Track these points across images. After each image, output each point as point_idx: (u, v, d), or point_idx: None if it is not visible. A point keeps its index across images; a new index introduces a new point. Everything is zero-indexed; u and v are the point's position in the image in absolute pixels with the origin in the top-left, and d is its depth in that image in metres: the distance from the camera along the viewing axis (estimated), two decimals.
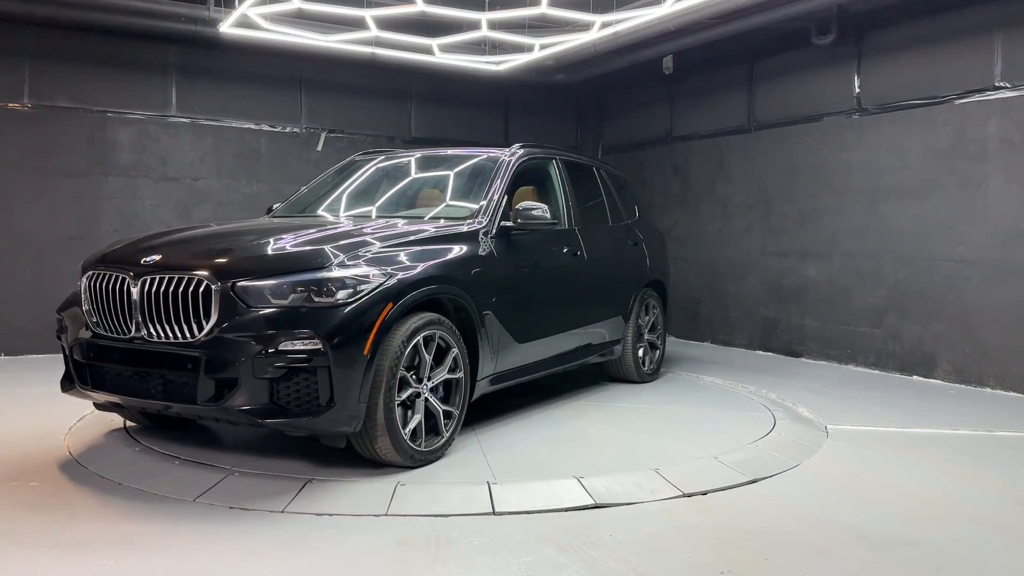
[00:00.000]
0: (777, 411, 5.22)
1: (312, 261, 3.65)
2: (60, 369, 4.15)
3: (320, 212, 5.18)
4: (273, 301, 3.50)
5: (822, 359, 7.36)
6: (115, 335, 3.75)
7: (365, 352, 3.52)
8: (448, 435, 4.05)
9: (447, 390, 4.12)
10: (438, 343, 3.97)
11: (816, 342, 7.45)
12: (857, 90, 7.05)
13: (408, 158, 5.52)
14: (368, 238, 3.98)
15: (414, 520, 3.28)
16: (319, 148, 8.54)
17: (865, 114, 6.99)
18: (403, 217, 4.81)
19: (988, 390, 6.06)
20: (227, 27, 7.01)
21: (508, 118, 9.79)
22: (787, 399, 5.68)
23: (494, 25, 7.08)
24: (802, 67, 7.54)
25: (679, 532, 3.20)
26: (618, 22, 7.07)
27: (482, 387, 4.44)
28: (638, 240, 6.31)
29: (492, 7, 6.81)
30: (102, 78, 7.53)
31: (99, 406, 4.23)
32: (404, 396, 3.77)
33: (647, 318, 6.26)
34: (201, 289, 3.53)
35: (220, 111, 8.08)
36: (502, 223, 4.61)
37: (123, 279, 3.73)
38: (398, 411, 3.72)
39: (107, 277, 3.79)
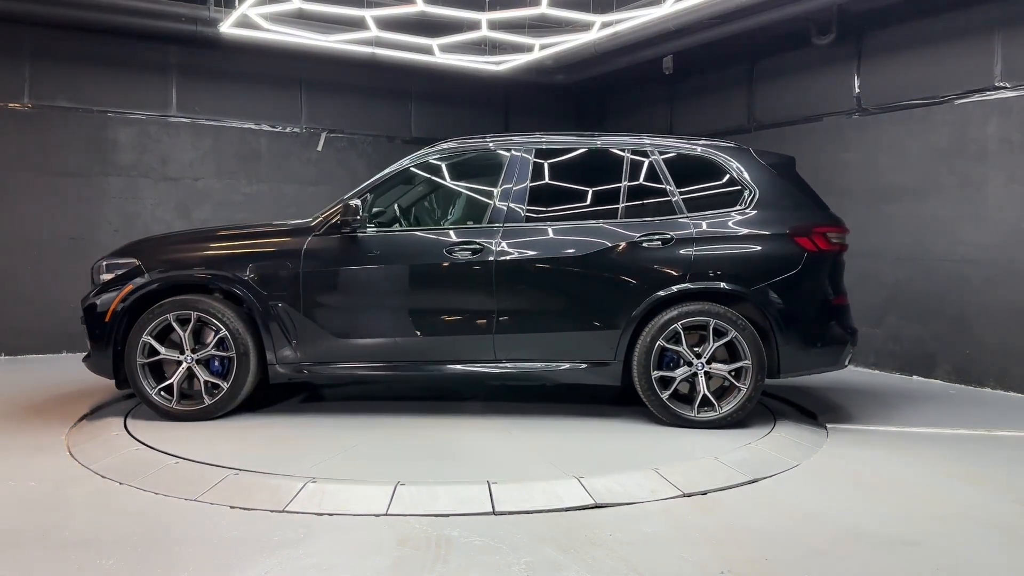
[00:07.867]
0: (777, 411, 5.22)
1: (112, 252, 5.04)
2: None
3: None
4: (93, 278, 4.96)
5: None
6: None
7: (106, 320, 4.72)
8: (212, 402, 4.72)
9: (229, 366, 4.78)
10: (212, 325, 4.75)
11: None
12: (857, 90, 7.04)
13: None
14: (197, 235, 5.22)
15: (414, 520, 3.28)
16: (319, 148, 8.54)
17: (865, 114, 6.99)
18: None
19: (988, 390, 6.06)
20: (227, 27, 7.01)
21: (508, 118, 9.79)
22: (787, 399, 5.68)
23: (494, 25, 7.08)
24: (802, 67, 7.53)
25: (679, 532, 3.20)
26: (618, 22, 7.08)
27: (283, 372, 4.82)
28: (673, 238, 4.75)
29: (492, 7, 6.81)
30: (102, 78, 7.53)
31: None
32: (154, 359, 4.71)
33: (706, 345, 4.67)
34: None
35: (220, 111, 8.08)
36: (334, 221, 4.84)
37: None
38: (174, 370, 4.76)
39: None
